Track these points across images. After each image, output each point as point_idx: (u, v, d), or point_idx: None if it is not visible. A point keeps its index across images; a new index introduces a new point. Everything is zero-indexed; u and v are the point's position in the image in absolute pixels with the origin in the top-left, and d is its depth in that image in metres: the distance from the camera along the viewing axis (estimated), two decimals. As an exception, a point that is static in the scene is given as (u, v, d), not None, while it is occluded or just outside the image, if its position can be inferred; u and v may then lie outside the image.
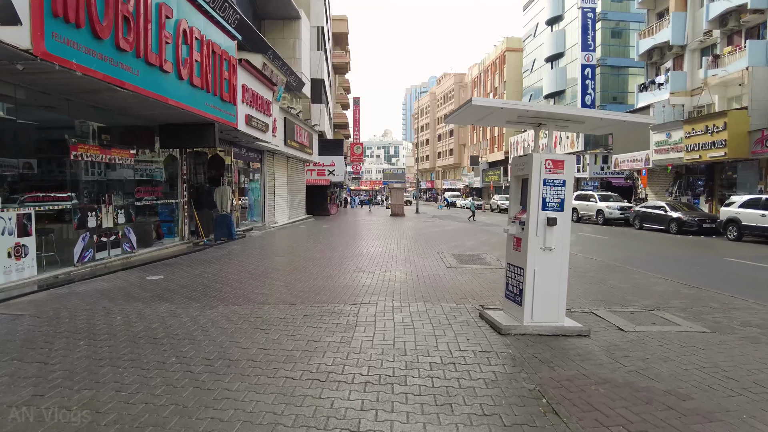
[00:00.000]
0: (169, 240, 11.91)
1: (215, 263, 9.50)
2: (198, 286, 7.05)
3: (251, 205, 17.82)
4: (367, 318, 5.17)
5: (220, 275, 8.05)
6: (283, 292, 6.65)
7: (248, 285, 7.16)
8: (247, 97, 12.85)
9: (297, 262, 9.67)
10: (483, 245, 13.23)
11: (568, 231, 4.87)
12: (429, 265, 9.44)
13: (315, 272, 8.40)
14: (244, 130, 12.74)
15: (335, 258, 10.35)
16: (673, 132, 24.28)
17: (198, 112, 9.91)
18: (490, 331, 4.84)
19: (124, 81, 7.21)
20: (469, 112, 4.72)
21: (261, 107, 14.03)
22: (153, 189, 11.20)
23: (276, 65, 17.96)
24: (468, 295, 6.59)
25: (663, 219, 20.36)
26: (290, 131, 19.77)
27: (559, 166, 4.80)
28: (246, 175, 17.45)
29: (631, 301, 6.46)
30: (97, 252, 8.83)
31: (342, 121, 54.00)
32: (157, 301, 6.04)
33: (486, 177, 58.89)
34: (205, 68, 10.01)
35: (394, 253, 11.19)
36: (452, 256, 10.67)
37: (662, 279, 8.24)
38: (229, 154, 14.97)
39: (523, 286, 4.83)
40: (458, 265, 9.39)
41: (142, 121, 10.61)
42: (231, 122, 11.72)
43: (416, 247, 12.50)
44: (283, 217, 21.10)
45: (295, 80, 22.18)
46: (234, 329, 4.75)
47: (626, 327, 5.11)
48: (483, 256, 10.73)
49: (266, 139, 14.78)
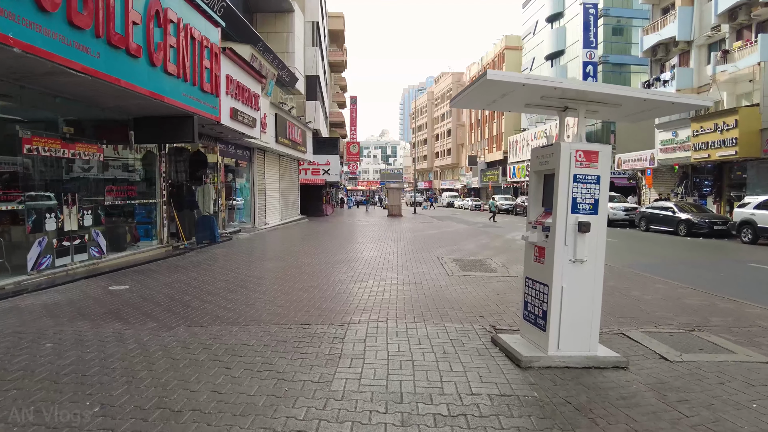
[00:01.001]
0: (146, 243, 10.95)
1: (191, 270, 8.56)
2: (163, 299, 6.11)
3: (240, 205, 16.86)
4: (355, 345, 4.23)
5: (192, 285, 7.11)
6: (260, 307, 5.72)
7: (221, 298, 6.22)
8: (232, 89, 11.90)
9: (282, 270, 8.73)
10: (485, 249, 12.32)
11: (603, 239, 3.96)
12: (428, 272, 8.52)
13: (301, 282, 7.46)
14: (229, 125, 11.79)
15: (326, 264, 9.41)
16: (679, 130, 23.45)
17: (174, 103, 8.96)
18: (507, 363, 3.91)
19: (79, 63, 6.26)
20: (481, 90, 3.80)
21: (248, 101, 13.09)
22: (127, 188, 10.24)
23: (266, 58, 17.01)
24: (475, 310, 5.67)
25: (671, 220, 19.50)
26: (282, 128, 18.82)
27: (592, 158, 3.89)
28: (234, 174, 16.50)
29: (664, 318, 5.55)
30: (58, 258, 7.87)
31: (338, 119, 53.08)
32: (108, 319, 5.09)
33: (484, 177, 58.02)
34: (182, 55, 9.07)
35: (390, 258, 10.27)
36: (453, 262, 9.76)
37: (690, 289, 7.34)
38: (214, 152, 14.02)
39: (547, 307, 3.91)
40: (461, 273, 8.47)
41: (114, 114, 9.66)
42: (213, 115, 10.77)
43: (414, 251, 11.58)
44: (274, 218, 20.15)
45: (287, 75, 21.24)
46: (188, 362, 3.81)
47: (670, 355, 4.20)
48: (487, 262, 9.82)
49: (254, 135, 13.83)
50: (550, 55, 42.30)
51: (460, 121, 73.27)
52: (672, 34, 25.44)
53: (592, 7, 34.49)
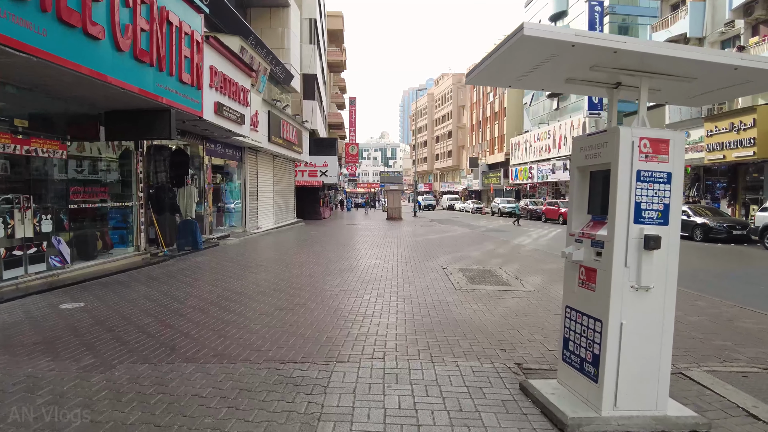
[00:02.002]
0: (120, 251, 9.93)
1: (164, 282, 7.53)
2: (118, 322, 5.08)
3: (229, 208, 15.84)
4: (341, 399, 3.19)
5: (159, 302, 6.08)
6: (230, 335, 4.69)
7: (187, 321, 5.19)
8: (217, 82, 10.90)
9: (267, 283, 7.70)
10: (491, 257, 11.30)
11: (675, 258, 2.95)
12: (433, 285, 7.49)
13: (286, 298, 6.44)
14: (213, 121, 10.78)
15: (317, 276, 8.38)
16: (691, 130, 22.45)
17: (147, 95, 7.95)
18: (545, 426, 2.89)
19: (16, 40, 5.25)
20: (512, 55, 2.78)
21: (236, 96, 12.08)
22: (99, 190, 9.24)
23: (258, 52, 16.02)
24: (493, 339, 4.64)
25: (685, 225, 18.46)
26: (275, 126, 17.82)
27: (661, 148, 2.88)
28: (223, 175, 15.48)
29: (725, 348, 4.53)
30: (6, 270, 6.85)
31: (337, 120, 52.11)
32: (35, 352, 4.07)
33: (486, 179, 57.00)
34: (156, 41, 8.06)
35: (389, 269, 9.24)
36: (459, 272, 8.73)
37: (737, 307, 6.32)
38: (197, 151, 13.01)
39: (600, 350, 2.89)
40: (469, 286, 7.44)
41: (82, 108, 8.65)
42: (194, 110, 9.76)
43: (416, 259, 10.55)
44: (267, 221, 19.12)
45: (282, 72, 20.25)
46: (109, 427, 2.77)
47: (758, 410, 3.18)
48: (497, 272, 8.80)
49: (243, 132, 12.81)
50: (553, 55, 41.28)
51: (460, 123, 72.33)
52: (683, 30, 24.47)
53: (597, 5, 33.53)
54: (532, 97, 46.69)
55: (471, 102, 66.45)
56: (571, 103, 38.97)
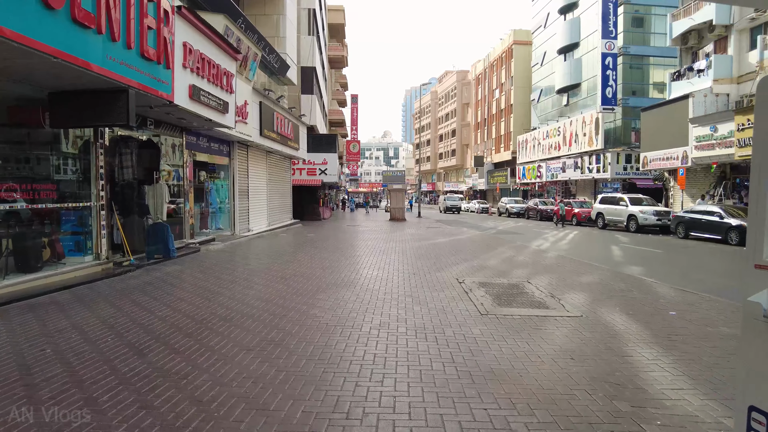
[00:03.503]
0: (76, 260, 8.35)
1: (112, 303, 5.96)
2: (12, 368, 3.50)
3: (215, 209, 14.26)
4: None
5: (88, 336, 4.50)
6: (153, 407, 3.10)
7: (111, 370, 3.61)
8: (193, 62, 9.32)
9: (241, 305, 6.11)
10: (513, 265, 9.69)
11: None
12: (450, 308, 5.89)
13: (256, 333, 4.84)
14: (187, 107, 9.20)
15: (306, 293, 6.79)
16: (719, 125, 20.77)
17: (94, 69, 6.37)
18: None
19: None
20: None
21: (217, 80, 10.50)
22: (44, 188, 7.67)
23: (249, 37, 14.46)
24: (559, 412, 3.03)
25: (718, 227, 16.83)
26: (268, 119, 16.24)
27: None
28: (208, 172, 13.90)
29: None
30: None
31: (338, 118, 50.51)
32: None
33: (491, 179, 55.34)
34: (105, 2, 6.48)
35: (394, 282, 7.64)
36: (481, 288, 7.13)
37: None
38: (177, 144, 11.44)
39: None
40: (497, 309, 5.84)
41: (21, 88, 7.09)
42: (161, 92, 8.19)
43: (425, 269, 8.95)
44: (260, 223, 17.55)
45: (276, 61, 18.67)
46: None
47: None
48: (526, 288, 7.19)
49: (226, 123, 11.23)
50: (563, 49, 39.67)
51: (464, 121, 70.67)
52: (708, 18, 22.80)
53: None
54: (540, 93, 45.01)
55: (476, 99, 64.80)
56: (582, 98, 37.30)
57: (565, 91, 39.86)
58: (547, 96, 43.68)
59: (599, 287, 7.46)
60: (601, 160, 32.56)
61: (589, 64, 35.63)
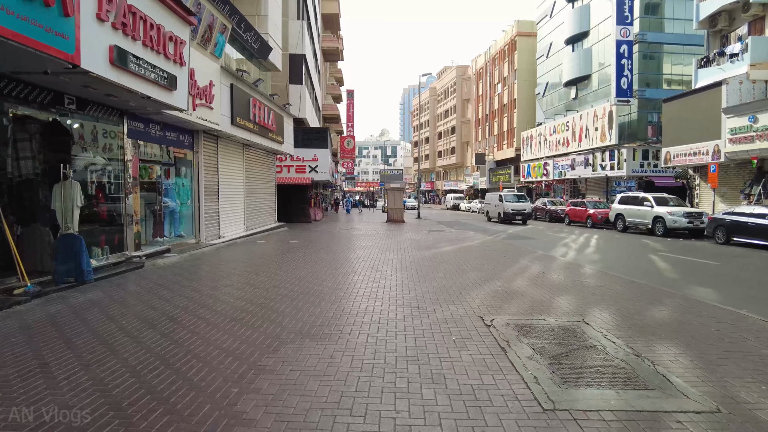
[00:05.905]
0: (-60, 289, 5.86)
1: None
2: None
3: (175, 212, 11.74)
4: None
5: None
6: None
7: None
8: (115, 16, 6.81)
9: (162, 371, 3.62)
10: (549, 290, 7.21)
11: None
12: (484, 390, 3.42)
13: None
14: (106, 76, 6.68)
15: (250, 356, 4.30)
16: (759, 114, 18.34)
17: None
18: None
19: None
20: None
21: (156, 45, 7.98)
22: None
23: (215, 5, 11.96)
24: None
25: (765, 230, 14.46)
26: (242, 105, 13.75)
27: None
28: (163, 167, 11.38)
29: None
30: None
31: (333, 113, 47.96)
32: None
33: (494, 177, 52.79)
34: None
35: (390, 327, 5.15)
36: (521, 337, 4.65)
37: None
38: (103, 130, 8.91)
39: None
40: (565, 394, 3.38)
41: None
42: (57, 48, 5.68)
43: (433, 298, 6.48)
44: (235, 228, 15.03)
45: (255, 40, 16.14)
46: None
47: None
48: (589, 335, 4.73)
49: (173, 103, 8.71)
50: (571, 39, 37.19)
51: (464, 118, 68.20)
52: (741, -5, 20.37)
53: (626, -21, 29.37)
54: (546, 87, 42.54)
55: (477, 95, 62.32)
56: (592, 91, 34.84)
57: (573, 84, 37.38)
58: (554, 89, 41.21)
59: (693, 332, 5.00)
60: (616, 156, 30.09)
61: (600, 54, 33.17)
